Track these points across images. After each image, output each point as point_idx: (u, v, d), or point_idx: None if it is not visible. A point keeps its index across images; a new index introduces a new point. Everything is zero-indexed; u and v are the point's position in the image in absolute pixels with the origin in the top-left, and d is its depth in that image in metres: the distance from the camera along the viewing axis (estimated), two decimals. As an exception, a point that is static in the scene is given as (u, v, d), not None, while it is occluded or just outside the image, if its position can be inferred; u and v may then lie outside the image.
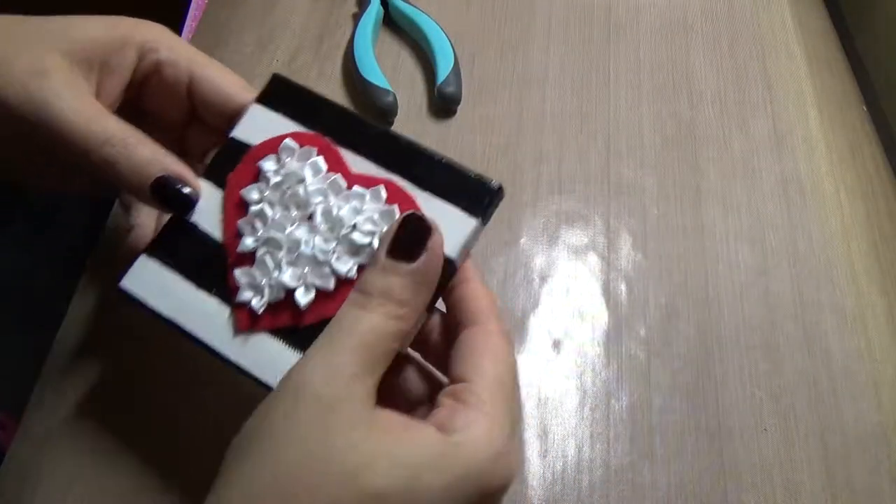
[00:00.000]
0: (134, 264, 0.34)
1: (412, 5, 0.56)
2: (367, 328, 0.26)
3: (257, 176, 0.34)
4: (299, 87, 0.36)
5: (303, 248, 0.31)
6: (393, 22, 0.58)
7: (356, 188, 0.32)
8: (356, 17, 0.57)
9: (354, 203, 0.32)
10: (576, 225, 0.47)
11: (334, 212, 0.31)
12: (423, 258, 0.27)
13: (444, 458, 0.25)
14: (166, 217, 0.35)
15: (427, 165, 0.32)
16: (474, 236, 0.31)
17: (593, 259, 0.46)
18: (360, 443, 0.24)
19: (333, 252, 0.31)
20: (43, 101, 0.30)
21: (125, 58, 0.33)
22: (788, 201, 0.49)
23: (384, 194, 0.32)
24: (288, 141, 0.34)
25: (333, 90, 0.54)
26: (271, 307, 0.31)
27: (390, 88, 0.51)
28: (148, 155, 0.32)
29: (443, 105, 0.52)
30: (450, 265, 0.30)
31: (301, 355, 0.29)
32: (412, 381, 0.31)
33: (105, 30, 0.33)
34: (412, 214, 0.29)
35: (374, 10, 0.56)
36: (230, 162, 0.34)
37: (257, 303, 0.31)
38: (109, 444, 0.39)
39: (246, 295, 0.32)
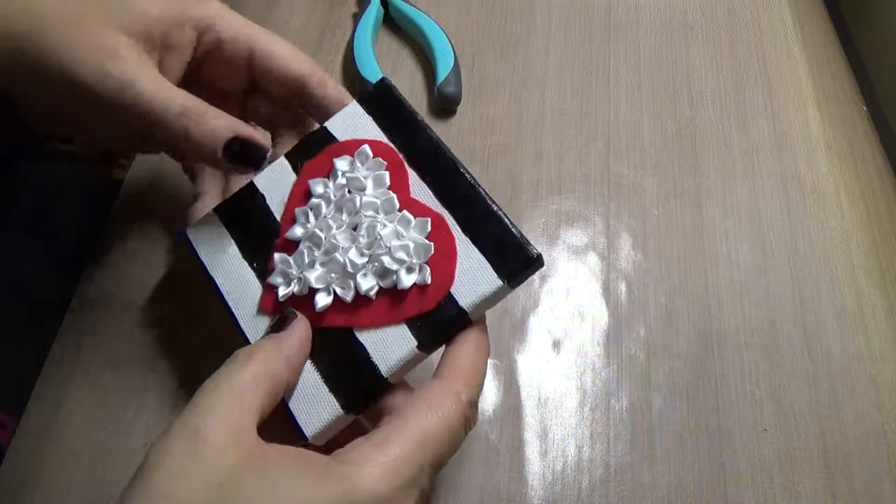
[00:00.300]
0: (202, 218, 0.37)
1: (412, 5, 0.56)
2: (238, 381, 0.28)
3: (329, 171, 0.35)
4: (399, 99, 0.37)
5: (337, 254, 0.32)
6: (393, 22, 0.58)
7: (406, 213, 0.33)
8: (356, 17, 0.57)
9: (399, 227, 0.33)
10: (576, 225, 0.47)
11: (377, 229, 0.33)
12: (284, 331, 0.31)
13: (321, 482, 0.25)
14: (232, 187, 0.37)
15: (479, 212, 0.33)
16: (496, 296, 0.31)
17: (593, 259, 0.46)
18: (241, 473, 0.25)
19: (362, 268, 0.32)
20: (121, 80, 0.32)
21: (184, 35, 0.35)
22: (788, 201, 0.49)
23: (429, 228, 0.32)
24: (365, 147, 0.35)
25: (333, 90, 0.54)
26: (295, 299, 0.33)
27: (390, 88, 0.51)
28: (218, 122, 0.33)
29: (443, 105, 0.52)
30: (462, 317, 0.31)
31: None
32: None
33: (162, 7, 0.34)
34: (284, 311, 0.32)
35: (374, 10, 0.56)
36: (313, 149, 0.37)
37: (282, 291, 0.33)
38: (109, 444, 0.39)
39: (276, 280, 0.34)
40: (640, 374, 0.42)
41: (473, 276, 0.31)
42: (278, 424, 0.29)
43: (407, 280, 0.31)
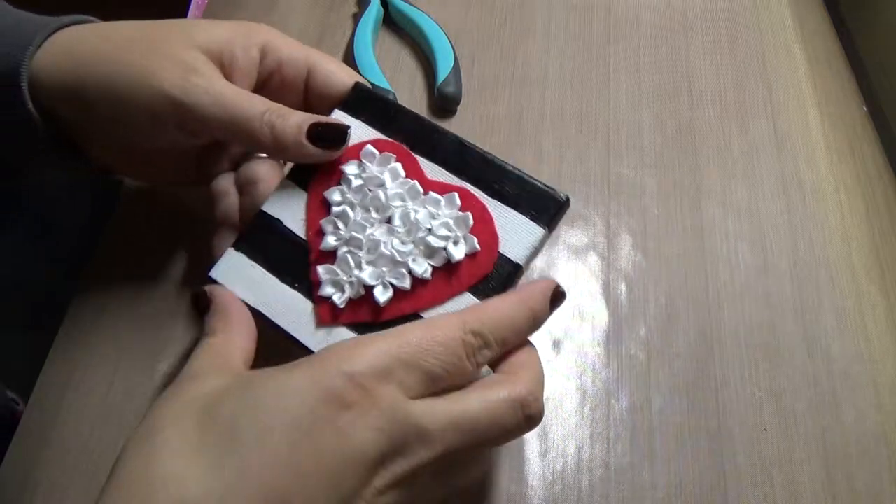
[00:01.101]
0: (223, 257, 0.36)
1: (412, 5, 0.56)
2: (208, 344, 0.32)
3: (339, 178, 0.36)
4: (379, 96, 0.38)
5: (382, 248, 0.34)
6: (393, 22, 0.58)
7: (432, 194, 0.35)
8: (356, 17, 0.57)
9: (430, 208, 0.34)
10: (576, 225, 0.47)
11: (412, 215, 0.34)
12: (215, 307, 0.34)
13: (305, 372, 0.27)
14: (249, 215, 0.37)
15: (498, 175, 0.35)
16: (541, 244, 0.34)
17: (593, 259, 0.46)
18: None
19: (410, 254, 0.34)
20: (205, 88, 0.34)
21: (250, 57, 0.37)
22: (788, 201, 0.49)
23: (458, 201, 0.34)
24: (369, 147, 0.36)
25: (333, 90, 0.54)
26: (351, 302, 0.34)
27: (390, 88, 0.51)
28: (299, 115, 0.35)
29: (443, 105, 0.52)
30: (517, 270, 0.33)
31: None
32: None
33: (229, 32, 0.37)
34: (195, 290, 0.35)
35: (374, 10, 0.56)
36: (313, 164, 0.37)
37: (339, 298, 0.34)
38: (111, 444, 0.39)
39: (328, 290, 0.34)
40: (640, 374, 0.42)
41: (515, 231, 0.34)
42: None
43: (458, 252, 0.33)
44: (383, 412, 0.26)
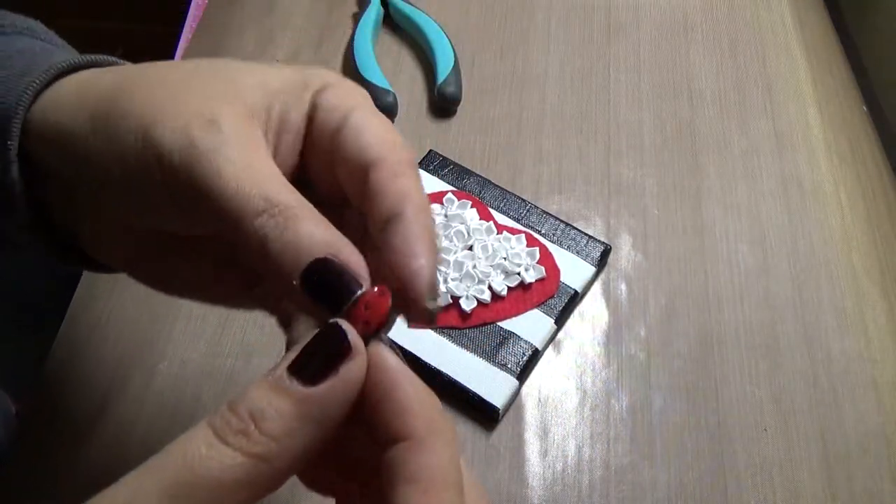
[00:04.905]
0: None
1: (412, 5, 0.56)
2: (194, 463, 0.19)
3: None
4: (449, 160, 0.48)
5: (467, 268, 0.42)
6: (393, 22, 0.58)
7: (505, 233, 0.44)
8: (356, 17, 0.57)
9: (504, 243, 0.43)
10: (576, 225, 0.47)
11: (490, 246, 0.43)
12: (325, 384, 0.20)
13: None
14: None
15: (553, 225, 0.45)
16: (592, 280, 0.44)
17: (593, 259, 0.46)
18: None
19: (489, 274, 0.42)
20: (201, 151, 0.23)
21: (301, 107, 0.26)
22: (788, 201, 0.49)
23: (525, 240, 0.44)
24: (450, 194, 0.45)
25: (333, 90, 0.54)
26: (441, 311, 0.38)
27: (390, 88, 0.51)
28: (310, 232, 0.22)
29: (443, 105, 0.52)
30: (577, 295, 0.43)
31: (462, 350, 0.40)
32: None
33: (285, 78, 0.26)
34: (334, 325, 0.21)
35: (374, 10, 0.56)
36: None
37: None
38: (109, 444, 0.39)
39: None
40: (640, 374, 0.42)
41: (572, 267, 0.43)
42: None
43: (529, 277, 0.42)
44: None
